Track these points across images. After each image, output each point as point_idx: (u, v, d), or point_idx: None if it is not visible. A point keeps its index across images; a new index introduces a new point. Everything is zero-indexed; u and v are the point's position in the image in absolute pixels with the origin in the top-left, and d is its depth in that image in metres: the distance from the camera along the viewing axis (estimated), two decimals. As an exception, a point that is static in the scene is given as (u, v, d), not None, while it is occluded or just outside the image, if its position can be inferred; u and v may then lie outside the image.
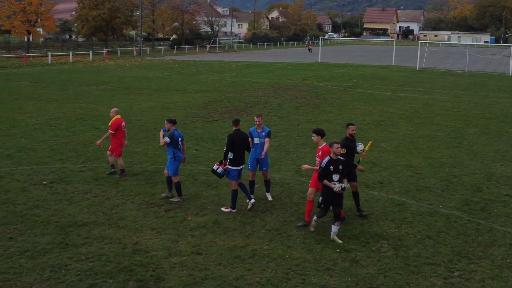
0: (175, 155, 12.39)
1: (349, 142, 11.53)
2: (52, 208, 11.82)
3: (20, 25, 71.88)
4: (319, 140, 11.00)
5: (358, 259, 9.55)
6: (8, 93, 31.73)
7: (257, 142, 12.33)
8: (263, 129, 12.40)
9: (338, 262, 9.40)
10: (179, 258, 9.42)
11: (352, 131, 11.66)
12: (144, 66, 56.26)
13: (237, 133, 11.84)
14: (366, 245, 10.19)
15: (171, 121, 12.52)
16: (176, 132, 12.46)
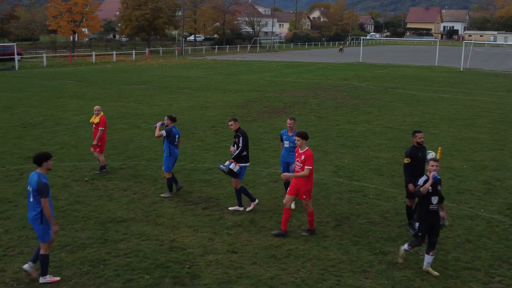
0: (171, 151, 12.62)
1: (416, 151, 10.60)
2: (93, 204, 12.07)
3: (66, 25, 73.63)
4: (303, 144, 10.27)
5: (395, 262, 9.42)
6: (54, 91, 32.54)
7: (287, 145, 11.93)
8: (295, 133, 12.03)
9: (375, 264, 9.30)
10: (215, 256, 9.49)
11: (420, 139, 10.63)
12: (185, 65, 56.84)
13: (244, 131, 12.09)
14: (404, 247, 10.02)
15: (171, 118, 12.82)
16: (174, 129, 12.76)
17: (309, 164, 10.09)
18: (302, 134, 10.31)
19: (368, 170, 15.37)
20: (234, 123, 12.01)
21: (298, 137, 10.28)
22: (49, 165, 8.34)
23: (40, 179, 8.07)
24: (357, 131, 20.87)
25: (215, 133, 20.19)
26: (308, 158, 10.11)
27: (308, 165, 10.09)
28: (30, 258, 8.68)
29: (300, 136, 10.27)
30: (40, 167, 8.25)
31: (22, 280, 8.43)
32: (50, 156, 8.36)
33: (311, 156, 10.15)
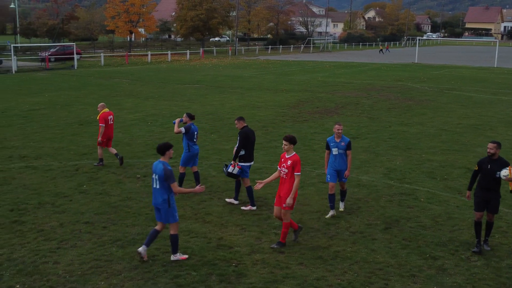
0: (190, 148, 12.84)
1: (486, 161, 9.78)
2: (144, 201, 12.32)
3: (123, 25, 75.41)
4: (290, 149, 9.73)
5: (446, 267, 9.20)
6: (110, 90, 33.39)
7: (335, 153, 11.38)
8: (343, 139, 11.44)
9: (424, 269, 9.10)
10: (262, 255, 9.51)
11: (488, 149, 9.76)
12: (238, 65, 57.21)
13: (248, 129, 11.99)
14: (455, 253, 9.78)
15: (190, 116, 12.96)
16: (193, 126, 12.92)
17: (298, 170, 9.57)
18: (290, 138, 9.75)
19: (420, 172, 15.06)
20: (238, 122, 12.03)
21: (286, 141, 9.70)
22: (170, 154, 9.11)
23: (165, 167, 8.89)
24: (410, 133, 20.49)
25: (266, 133, 20.23)
26: (296, 164, 9.56)
27: (297, 172, 9.56)
28: (144, 242, 9.25)
29: (288, 141, 9.70)
30: (163, 156, 9.05)
31: (74, 272, 8.68)
32: (172, 146, 9.14)
33: (299, 162, 9.62)
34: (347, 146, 11.42)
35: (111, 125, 15.36)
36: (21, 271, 8.70)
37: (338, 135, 11.40)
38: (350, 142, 11.57)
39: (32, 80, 39.73)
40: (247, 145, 11.86)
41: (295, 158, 9.65)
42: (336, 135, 11.41)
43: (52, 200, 12.27)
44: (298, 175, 9.60)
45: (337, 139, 11.43)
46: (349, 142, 11.52)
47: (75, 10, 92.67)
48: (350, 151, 11.50)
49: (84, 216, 11.28)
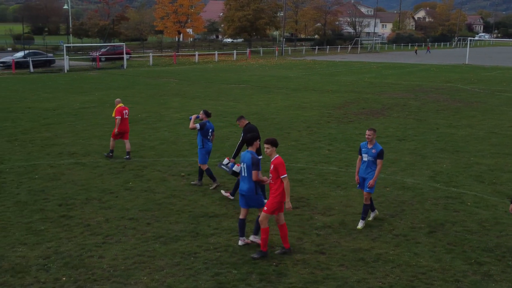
0: (204, 144, 13.09)
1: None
2: (187, 199, 12.48)
3: (172, 25, 76.53)
4: (273, 152, 9.32)
5: (492, 273, 8.96)
6: (158, 89, 33.94)
7: (365, 159, 10.79)
8: (375, 146, 10.76)
9: (469, 275, 8.89)
10: (302, 255, 9.49)
11: None
12: (285, 65, 57.19)
13: (251, 125, 12.28)
14: (502, 259, 9.51)
15: (207, 113, 13.20)
16: (208, 123, 13.14)
17: (282, 172, 9.17)
18: (272, 141, 9.34)
19: (467, 176, 14.70)
20: (239, 121, 12.43)
21: (268, 144, 9.27)
22: (257, 145, 9.78)
23: (253, 155, 9.52)
24: (458, 136, 20.03)
25: (310, 134, 20.16)
26: (279, 167, 9.16)
27: (282, 174, 9.16)
28: (253, 231, 9.91)
29: (270, 143, 9.28)
30: (251, 146, 9.70)
31: (118, 267, 8.87)
32: (259, 138, 10.04)
33: (282, 164, 9.21)
34: (378, 154, 10.67)
35: (126, 119, 16.02)
36: (67, 264, 8.96)
37: (370, 141, 10.76)
38: (382, 151, 10.77)
39: (83, 79, 40.78)
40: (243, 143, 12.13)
41: (276, 161, 9.23)
42: (368, 141, 10.80)
43: (99, 196, 12.58)
44: (284, 177, 9.16)
45: (369, 145, 10.81)
46: (381, 150, 10.73)
47: (125, 11, 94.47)
48: (380, 161, 10.69)
49: (129, 213, 11.51)
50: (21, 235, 10.17)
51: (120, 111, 15.83)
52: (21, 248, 9.57)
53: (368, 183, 10.68)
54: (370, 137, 10.71)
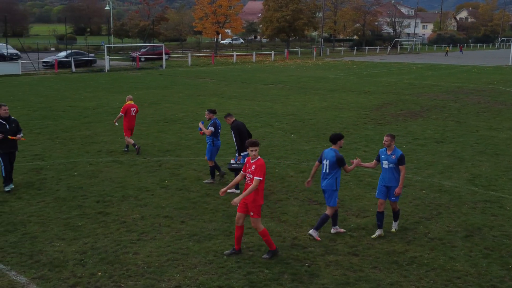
0: (214, 142, 13.57)
1: None
2: (221, 198, 12.54)
3: (211, 26, 77.15)
4: (257, 154, 9.15)
5: (530, 280, 8.74)
6: (195, 89, 34.26)
7: (385, 166, 10.28)
8: (394, 152, 10.22)
9: (506, 280, 8.69)
10: (335, 257, 9.45)
11: None
12: (322, 66, 56.95)
13: (239, 123, 12.93)
14: (541, 265, 9.27)
15: (212, 111, 13.57)
16: (217, 121, 13.60)
17: (259, 175, 8.91)
18: (258, 143, 9.22)
19: (508, 180, 14.37)
20: (226, 118, 13.06)
21: (256, 147, 9.08)
22: (341, 143, 10.24)
23: (337, 153, 10.02)
24: (499, 138, 19.59)
25: (346, 135, 20.00)
26: (258, 169, 8.94)
27: (258, 176, 8.91)
28: (314, 226, 10.23)
29: (258, 145, 9.16)
30: (335, 145, 10.18)
31: (152, 264, 9.01)
32: (343, 136, 10.37)
33: (262, 166, 8.96)
34: (398, 160, 10.13)
35: (133, 117, 16.77)
36: (103, 260, 9.14)
37: (388, 147, 10.22)
38: (403, 156, 10.22)
39: (122, 78, 41.48)
40: (240, 136, 12.69)
41: (258, 162, 9.02)
42: (386, 147, 10.27)
43: (135, 194, 12.78)
44: (258, 179, 8.92)
45: (388, 151, 10.26)
46: (401, 155, 10.18)
47: (165, 11, 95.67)
48: (403, 166, 10.16)
49: (164, 210, 11.66)
50: (60, 231, 10.42)
51: (126, 108, 16.56)
52: (59, 243, 9.82)
53: (395, 192, 10.17)
54: (387, 143, 10.20)
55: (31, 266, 8.89)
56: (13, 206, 11.85)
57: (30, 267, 8.84)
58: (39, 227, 10.60)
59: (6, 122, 12.69)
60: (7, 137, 12.57)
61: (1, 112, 12.63)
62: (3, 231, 10.38)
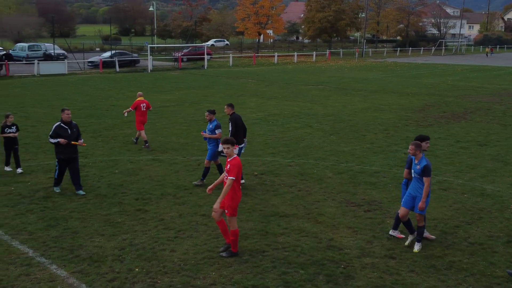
0: (218, 143, 13.24)
1: None
2: (258, 198, 12.60)
3: (252, 27, 77.39)
4: (232, 153, 9.05)
5: None
6: (236, 89, 34.44)
7: (413, 175, 9.77)
8: (420, 161, 9.58)
9: (548, 288, 8.45)
10: (372, 259, 9.36)
11: None
12: (364, 67, 56.41)
13: (236, 115, 13.33)
14: None
15: (213, 112, 13.55)
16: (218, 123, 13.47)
17: (232, 174, 8.87)
18: (232, 141, 9.05)
19: (553, 185, 13.93)
20: (227, 108, 13.47)
21: (228, 144, 8.98)
22: (424, 147, 9.89)
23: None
24: (546, 142, 19.02)
25: (387, 136, 19.79)
26: (232, 168, 8.89)
27: (231, 176, 8.87)
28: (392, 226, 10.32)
29: (231, 143, 9.00)
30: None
31: (188, 261, 9.11)
32: (429, 138, 10.21)
33: (235, 166, 8.89)
34: (421, 171, 9.48)
35: (144, 112, 17.59)
36: (140, 256, 9.30)
37: (414, 155, 9.62)
38: (427, 167, 9.47)
39: (165, 78, 42.04)
40: (236, 128, 13.11)
41: (233, 162, 8.96)
42: (414, 156, 9.65)
43: (174, 192, 12.95)
44: (231, 179, 8.87)
45: (416, 160, 9.66)
46: (425, 166, 9.46)
47: (208, 12, 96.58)
48: (427, 178, 9.45)
49: (201, 209, 11.78)
50: (99, 226, 10.65)
51: (136, 104, 17.52)
52: (99, 239, 10.03)
53: (418, 206, 9.53)
54: (412, 152, 9.60)
55: (71, 260, 9.12)
56: (56, 201, 12.17)
57: (70, 261, 9.07)
58: (80, 222, 10.87)
59: (68, 126, 12.53)
60: (70, 143, 12.47)
61: (64, 117, 12.52)
62: (46, 225, 10.68)
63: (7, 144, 14.35)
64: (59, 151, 12.55)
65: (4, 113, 14.50)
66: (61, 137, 12.39)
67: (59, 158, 12.59)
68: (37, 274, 8.61)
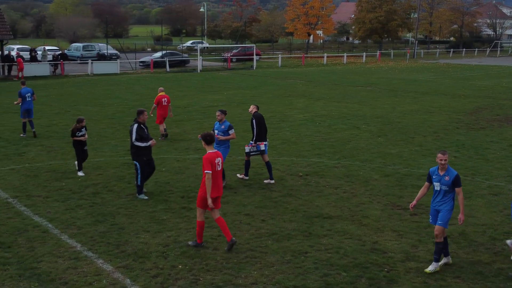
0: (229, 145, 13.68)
1: None
2: (303, 198, 12.57)
3: (302, 27, 77.23)
4: (205, 148, 9.65)
5: None
6: (284, 90, 34.42)
7: (437, 188, 9.00)
8: (448, 172, 8.89)
9: None
10: (416, 263, 9.19)
11: None
12: (415, 69, 55.41)
13: (259, 114, 13.90)
14: None
15: (224, 112, 13.65)
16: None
17: (203, 168, 9.33)
18: (204, 136, 9.66)
19: None
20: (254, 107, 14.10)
21: (201, 139, 9.71)
22: None
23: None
24: None
25: (436, 139, 19.37)
26: (204, 162, 9.33)
27: (205, 170, 9.29)
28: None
29: (203, 139, 9.66)
30: None
31: (230, 260, 9.18)
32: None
33: (204, 160, 9.33)
34: (453, 182, 8.82)
35: (165, 106, 18.65)
36: (184, 253, 9.42)
37: (442, 166, 8.91)
38: (458, 177, 8.86)
39: (214, 78, 42.44)
40: (259, 126, 13.71)
41: (205, 156, 9.44)
42: (440, 166, 8.95)
43: (218, 191, 13.04)
44: (205, 173, 9.30)
45: (441, 171, 8.94)
46: (456, 177, 8.84)
47: (257, 13, 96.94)
48: (459, 189, 8.86)
49: (245, 208, 11.84)
50: (145, 223, 10.85)
51: (159, 99, 18.55)
52: (144, 235, 10.23)
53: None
54: (443, 162, 8.85)
55: (117, 255, 9.34)
56: (104, 198, 12.48)
57: (116, 256, 9.28)
58: (126, 218, 11.10)
59: (145, 127, 12.46)
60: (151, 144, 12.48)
61: (143, 118, 12.38)
62: (94, 221, 10.96)
63: (78, 147, 14.28)
64: (142, 153, 12.32)
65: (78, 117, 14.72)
66: (143, 138, 12.30)
67: (142, 160, 12.32)
68: (84, 268, 8.85)
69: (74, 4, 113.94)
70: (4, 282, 8.36)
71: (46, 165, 15.30)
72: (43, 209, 11.65)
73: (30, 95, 19.29)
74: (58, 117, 23.27)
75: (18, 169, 14.86)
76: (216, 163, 9.43)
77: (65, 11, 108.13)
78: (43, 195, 12.65)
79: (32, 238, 10.05)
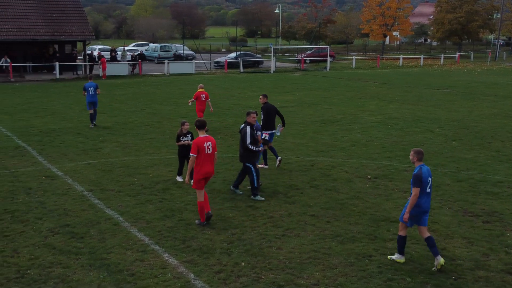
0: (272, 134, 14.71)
1: None
2: (370, 201, 12.37)
3: (378, 28, 75.83)
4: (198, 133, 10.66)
5: None
6: (356, 91, 34.00)
7: (428, 190, 8.90)
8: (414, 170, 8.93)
9: None
10: (486, 273, 8.84)
11: None
12: (496, 71, 53.23)
13: (269, 105, 14.84)
14: None
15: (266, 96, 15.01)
16: None
17: (191, 151, 10.45)
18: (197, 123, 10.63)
19: None
20: (263, 98, 14.99)
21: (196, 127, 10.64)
22: None
23: None
24: None
25: (515, 145, 18.54)
26: (192, 145, 10.40)
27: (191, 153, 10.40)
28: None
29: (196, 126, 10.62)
30: None
31: (293, 260, 9.17)
32: None
33: (195, 144, 10.32)
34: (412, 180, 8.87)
35: (203, 102, 20.02)
36: (248, 251, 9.52)
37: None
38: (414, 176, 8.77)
39: (286, 79, 42.50)
40: (267, 116, 14.57)
41: (193, 141, 10.58)
42: None
43: (285, 191, 13.09)
44: (191, 156, 10.42)
45: None
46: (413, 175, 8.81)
47: (333, 14, 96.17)
48: (414, 188, 8.75)
49: (311, 209, 11.80)
50: (211, 220, 11.02)
51: (197, 95, 19.92)
52: (209, 232, 10.41)
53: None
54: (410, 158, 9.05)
55: (183, 250, 9.56)
56: (173, 194, 12.80)
57: (182, 251, 9.51)
58: (193, 215, 11.33)
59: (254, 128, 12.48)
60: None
61: (251, 119, 12.41)
62: (163, 216, 11.27)
63: (182, 153, 13.63)
64: (254, 156, 12.47)
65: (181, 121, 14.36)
66: (255, 141, 12.38)
67: (254, 163, 12.43)
68: (150, 261, 9.12)
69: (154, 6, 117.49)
70: (76, 271, 8.75)
71: (120, 161, 15.88)
72: (115, 203, 12.10)
73: (93, 89, 20.99)
74: (134, 115, 24.06)
75: (94, 164, 15.51)
76: (205, 147, 10.37)
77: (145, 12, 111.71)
78: (116, 189, 13.14)
79: (104, 230, 10.46)
